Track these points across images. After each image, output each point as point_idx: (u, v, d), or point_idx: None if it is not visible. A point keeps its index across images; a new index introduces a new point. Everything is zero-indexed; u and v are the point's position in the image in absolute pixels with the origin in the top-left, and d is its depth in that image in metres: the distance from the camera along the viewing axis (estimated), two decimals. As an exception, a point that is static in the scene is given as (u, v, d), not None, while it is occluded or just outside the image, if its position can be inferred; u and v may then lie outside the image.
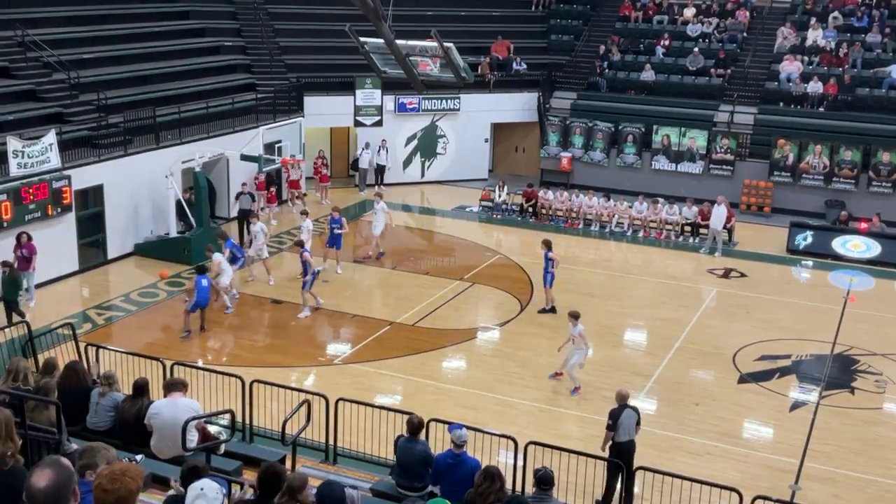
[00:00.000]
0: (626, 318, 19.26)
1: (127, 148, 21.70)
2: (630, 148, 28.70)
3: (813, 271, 22.65)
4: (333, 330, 18.11)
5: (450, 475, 9.17)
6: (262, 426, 12.29)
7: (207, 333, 17.44)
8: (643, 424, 12.08)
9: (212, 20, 29.26)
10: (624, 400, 11.74)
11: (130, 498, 4.20)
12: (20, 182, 18.68)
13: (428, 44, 14.66)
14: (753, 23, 32.08)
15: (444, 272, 21.60)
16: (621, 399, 11.74)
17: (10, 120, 20.44)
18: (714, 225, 23.27)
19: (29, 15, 23.60)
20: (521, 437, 11.03)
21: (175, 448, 9.26)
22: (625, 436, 11.52)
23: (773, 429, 14.61)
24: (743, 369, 16.46)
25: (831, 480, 12.87)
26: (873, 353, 17.37)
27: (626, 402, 11.75)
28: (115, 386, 9.91)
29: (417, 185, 29.88)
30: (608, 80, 30.90)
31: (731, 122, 28.37)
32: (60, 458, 4.15)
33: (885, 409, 15.45)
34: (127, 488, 4.18)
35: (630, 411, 11.61)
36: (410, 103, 29.22)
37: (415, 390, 15.26)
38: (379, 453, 11.67)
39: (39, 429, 7.88)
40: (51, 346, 13.03)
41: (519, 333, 17.91)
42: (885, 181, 25.99)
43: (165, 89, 24.76)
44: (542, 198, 26.17)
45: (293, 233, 23.98)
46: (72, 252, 20.32)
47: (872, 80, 28.41)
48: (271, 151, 23.27)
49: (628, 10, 33.42)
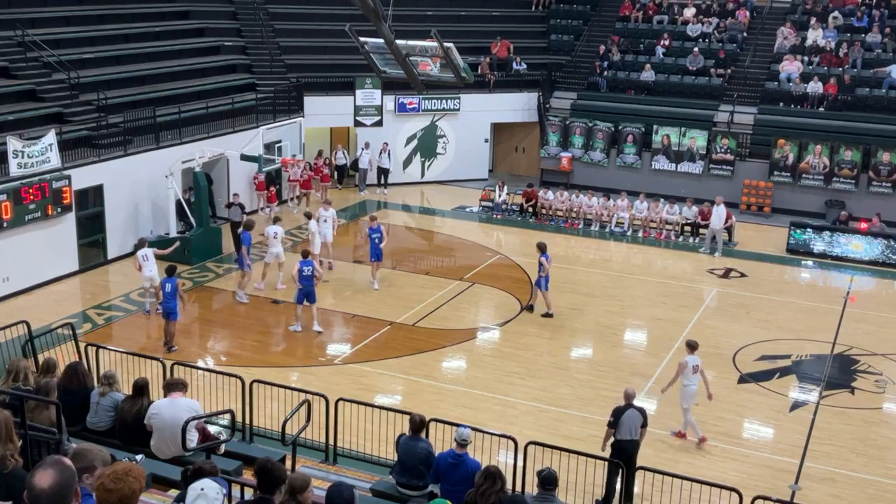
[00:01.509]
0: (626, 318, 19.26)
1: (127, 148, 21.70)
2: (630, 148, 28.71)
3: (813, 271, 22.67)
4: (333, 330, 18.10)
5: (450, 475, 9.16)
6: (262, 426, 12.28)
7: (208, 333, 17.44)
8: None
9: (212, 20, 29.26)
10: (629, 399, 11.80)
11: (133, 497, 4.22)
12: (20, 182, 18.67)
13: (428, 44, 14.68)
14: (753, 23, 32.08)
15: (444, 272, 21.60)
16: (627, 398, 11.81)
17: (10, 120, 20.44)
18: (714, 225, 23.28)
19: (29, 15, 23.62)
20: (521, 437, 11.04)
21: (175, 448, 9.27)
22: (626, 435, 11.53)
23: (773, 429, 14.61)
24: (743, 369, 16.46)
25: (831, 480, 12.87)
26: (873, 353, 17.37)
27: (632, 401, 11.80)
28: (116, 386, 9.92)
29: (417, 185, 29.88)
30: (608, 80, 30.90)
31: (731, 122, 28.37)
32: (62, 458, 4.16)
33: (885, 409, 15.44)
34: (130, 488, 4.20)
35: (634, 412, 11.65)
36: (410, 103, 29.21)
37: (415, 390, 15.26)
38: (379, 453, 11.67)
39: (39, 429, 7.88)
40: (51, 346, 13.03)
41: (519, 333, 17.91)
42: (885, 181, 25.99)
43: (165, 89, 24.76)
44: (541, 198, 26.17)
45: (294, 233, 24.01)
46: (72, 252, 20.31)
47: (872, 80, 28.40)
48: (271, 151, 23.27)
49: (628, 10, 33.41)
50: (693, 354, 13.46)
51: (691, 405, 13.57)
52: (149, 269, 17.74)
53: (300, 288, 17.27)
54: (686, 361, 13.39)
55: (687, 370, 13.35)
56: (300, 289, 17.27)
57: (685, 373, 13.38)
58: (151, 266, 17.73)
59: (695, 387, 13.40)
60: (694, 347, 13.56)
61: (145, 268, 17.75)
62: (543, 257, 18.50)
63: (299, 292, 17.34)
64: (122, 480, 4.21)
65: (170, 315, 16.25)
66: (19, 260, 18.86)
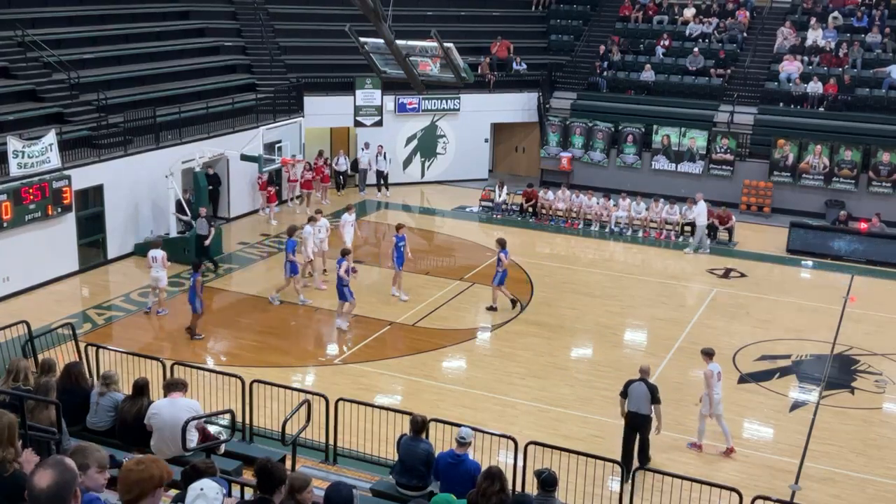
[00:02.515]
0: (626, 318, 19.26)
1: (127, 148, 21.71)
2: (630, 148, 28.71)
3: (813, 271, 22.67)
4: (333, 330, 18.10)
5: (449, 474, 9.17)
6: (262, 426, 12.28)
7: (208, 334, 17.44)
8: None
9: (212, 20, 29.26)
10: (642, 374, 12.68)
11: (150, 482, 4.41)
12: (20, 182, 18.68)
13: (428, 44, 14.69)
14: (753, 23, 32.08)
15: (444, 272, 21.60)
16: (640, 373, 12.72)
17: (10, 120, 20.45)
18: (698, 222, 23.40)
19: (29, 15, 23.63)
20: (521, 437, 11.04)
21: (175, 448, 9.26)
22: (632, 407, 12.53)
23: (773, 429, 14.61)
24: (743, 369, 16.46)
25: (831, 480, 12.87)
26: (873, 353, 17.37)
27: (644, 376, 12.61)
28: (116, 386, 9.91)
29: (417, 185, 29.88)
30: (608, 80, 30.90)
31: (731, 122, 28.37)
32: (64, 458, 4.16)
33: (885, 409, 15.45)
34: (149, 472, 4.42)
35: (642, 385, 12.48)
36: (410, 103, 29.21)
37: (415, 390, 15.26)
38: (379, 453, 11.67)
39: (39, 429, 7.88)
40: (51, 346, 13.03)
41: (519, 333, 17.91)
42: (885, 181, 25.99)
43: (165, 89, 24.76)
44: (542, 198, 26.17)
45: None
46: (72, 252, 20.32)
47: (872, 80, 28.40)
48: (271, 151, 23.27)
49: (628, 10, 33.41)
50: (713, 362, 13.30)
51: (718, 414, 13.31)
52: (156, 269, 18.05)
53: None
54: (710, 370, 13.17)
55: (713, 379, 13.13)
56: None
57: (711, 382, 13.14)
58: (159, 267, 18.05)
59: (720, 395, 13.24)
60: (712, 355, 13.36)
61: (153, 268, 18.09)
62: (503, 253, 18.68)
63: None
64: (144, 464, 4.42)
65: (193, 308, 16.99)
66: (19, 260, 18.87)
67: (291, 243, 18.83)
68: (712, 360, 13.30)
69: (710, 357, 13.33)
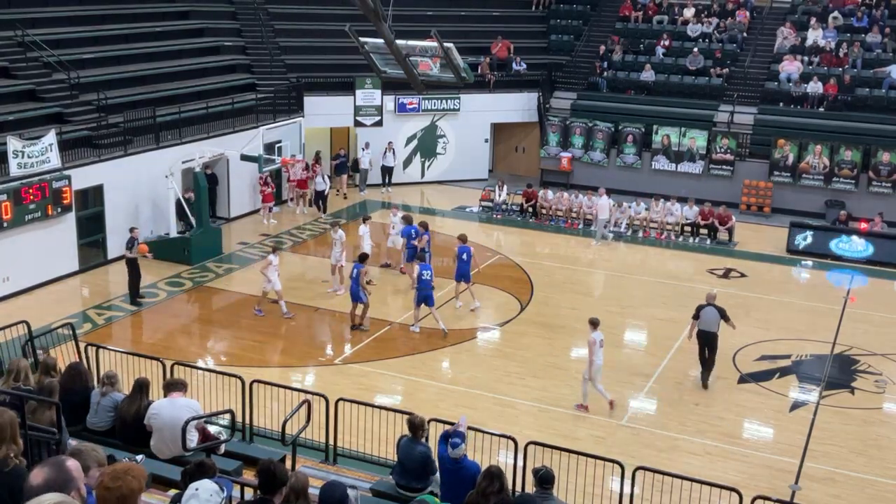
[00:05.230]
0: (626, 318, 19.25)
1: (127, 148, 21.70)
2: (630, 148, 28.71)
3: (813, 271, 22.66)
4: (333, 330, 18.09)
5: (450, 477, 9.18)
6: (262, 426, 12.27)
7: (208, 334, 17.43)
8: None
9: (212, 20, 29.26)
10: (710, 300, 15.65)
11: (132, 496, 4.22)
12: (20, 182, 18.68)
13: (428, 44, 14.67)
14: (753, 23, 32.08)
15: (444, 272, 21.58)
16: (707, 298, 15.73)
17: (10, 120, 20.44)
18: (600, 215, 24.03)
19: (29, 15, 23.61)
20: (521, 437, 11.03)
21: (175, 448, 9.26)
22: (704, 326, 15.44)
23: (773, 429, 14.61)
24: (743, 369, 16.46)
25: (831, 480, 12.87)
26: (873, 353, 17.37)
27: (712, 301, 15.59)
28: (116, 386, 9.91)
29: (417, 185, 29.88)
30: (608, 80, 30.90)
31: (731, 122, 28.37)
32: (66, 459, 4.16)
33: (885, 409, 15.45)
34: (129, 487, 4.21)
35: (713, 309, 15.40)
36: (410, 103, 29.21)
37: (415, 390, 15.26)
38: (379, 453, 11.67)
39: (40, 429, 7.87)
40: (51, 346, 13.02)
41: (519, 333, 17.91)
42: (885, 181, 25.99)
43: (165, 89, 24.75)
44: (541, 198, 26.17)
45: (294, 233, 24.04)
46: (72, 252, 20.31)
47: (872, 80, 28.40)
48: (271, 151, 23.26)
49: (628, 10, 33.41)
50: (598, 330, 14.43)
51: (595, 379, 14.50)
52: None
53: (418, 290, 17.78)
54: (594, 338, 14.33)
55: (595, 346, 14.30)
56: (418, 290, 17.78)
57: (594, 349, 14.32)
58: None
59: (601, 361, 14.46)
60: (596, 324, 14.48)
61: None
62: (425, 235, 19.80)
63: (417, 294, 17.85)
64: (121, 479, 4.21)
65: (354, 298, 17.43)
66: (19, 260, 18.87)
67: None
68: (596, 329, 14.42)
69: (595, 326, 14.47)
